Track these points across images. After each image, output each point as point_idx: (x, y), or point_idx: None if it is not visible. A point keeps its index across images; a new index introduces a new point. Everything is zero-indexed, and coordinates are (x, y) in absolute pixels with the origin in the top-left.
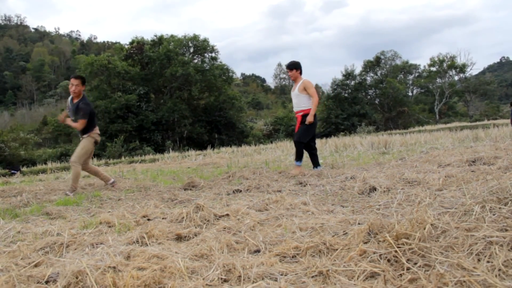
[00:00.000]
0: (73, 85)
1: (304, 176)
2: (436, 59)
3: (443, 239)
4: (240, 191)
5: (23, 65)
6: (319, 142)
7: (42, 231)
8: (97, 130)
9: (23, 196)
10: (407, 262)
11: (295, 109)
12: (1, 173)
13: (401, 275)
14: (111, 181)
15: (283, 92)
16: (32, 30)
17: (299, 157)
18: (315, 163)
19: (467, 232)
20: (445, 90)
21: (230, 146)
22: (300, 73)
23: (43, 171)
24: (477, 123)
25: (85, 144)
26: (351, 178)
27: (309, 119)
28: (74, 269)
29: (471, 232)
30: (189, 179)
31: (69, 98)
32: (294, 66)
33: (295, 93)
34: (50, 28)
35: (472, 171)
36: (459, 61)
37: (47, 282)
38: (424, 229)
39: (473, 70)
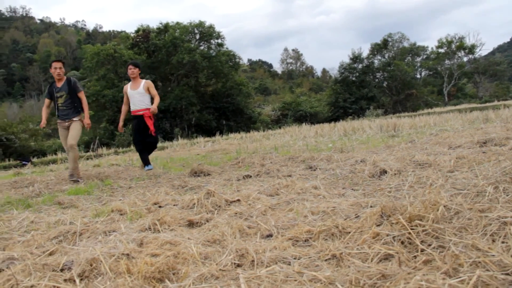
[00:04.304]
0: (57, 68)
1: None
2: (444, 40)
3: (456, 220)
4: (250, 176)
5: (30, 56)
6: (327, 126)
7: (55, 220)
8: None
9: (35, 187)
10: (421, 243)
11: (137, 107)
12: (12, 164)
13: (415, 256)
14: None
15: (290, 77)
16: (38, 21)
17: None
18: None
19: (480, 213)
20: (454, 72)
21: (239, 132)
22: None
23: (54, 162)
24: (487, 104)
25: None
26: (361, 161)
27: (154, 108)
28: (88, 257)
29: (485, 213)
30: (199, 166)
31: (51, 85)
32: (139, 66)
33: (138, 92)
34: (55, 18)
35: (483, 152)
36: (468, 42)
37: (62, 270)
38: (437, 210)
39: (483, 51)
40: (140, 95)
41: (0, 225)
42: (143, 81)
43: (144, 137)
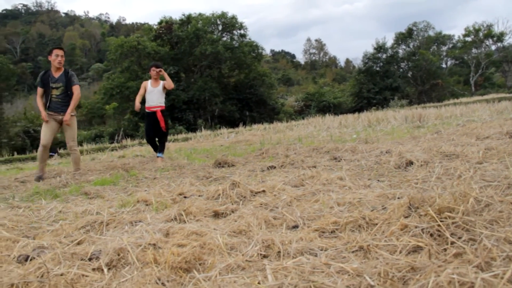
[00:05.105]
0: (59, 55)
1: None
2: (471, 28)
3: (487, 213)
4: (275, 167)
5: None
6: (351, 117)
7: (82, 210)
8: None
9: (62, 177)
10: (451, 236)
11: (154, 104)
12: None
13: (445, 249)
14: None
15: (313, 67)
16: (63, 14)
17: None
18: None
19: None
20: (481, 61)
21: (262, 123)
22: None
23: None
24: None
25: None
26: (386, 152)
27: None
28: (116, 247)
29: None
30: (223, 157)
31: (46, 73)
32: (161, 67)
33: (158, 90)
34: (79, 11)
35: None
36: (497, 29)
37: (90, 259)
38: (468, 202)
39: None
40: (159, 93)
41: (30, 214)
42: (161, 81)
43: (155, 132)
